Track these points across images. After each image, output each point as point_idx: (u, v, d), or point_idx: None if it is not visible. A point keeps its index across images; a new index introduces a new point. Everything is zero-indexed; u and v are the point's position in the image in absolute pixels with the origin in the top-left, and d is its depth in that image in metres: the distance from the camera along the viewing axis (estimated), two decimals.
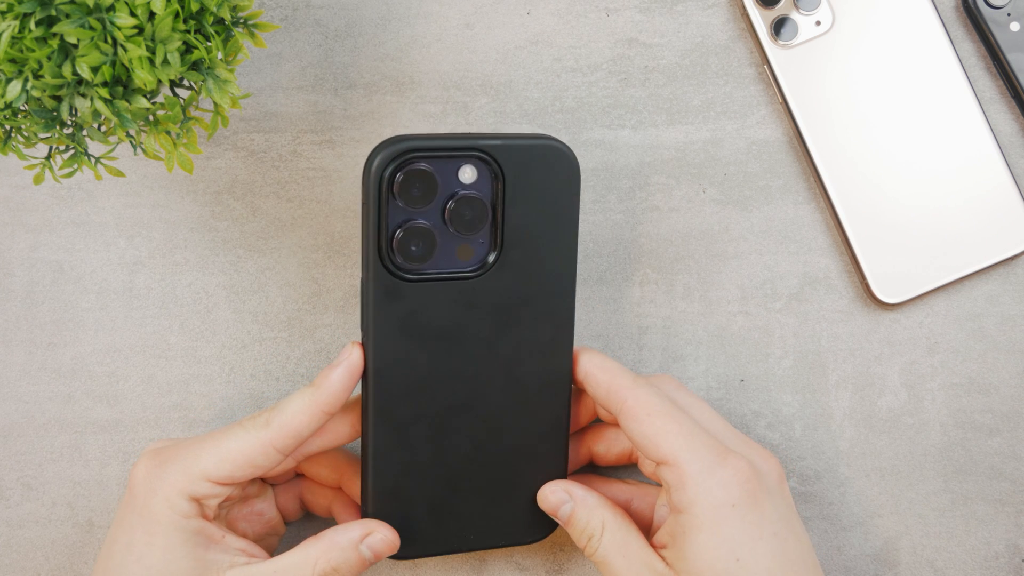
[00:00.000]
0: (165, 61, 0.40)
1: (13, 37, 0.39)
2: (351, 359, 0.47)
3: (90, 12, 0.38)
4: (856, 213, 0.54)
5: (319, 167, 0.55)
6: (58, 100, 0.41)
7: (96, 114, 0.40)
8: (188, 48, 0.42)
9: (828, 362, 0.55)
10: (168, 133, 0.44)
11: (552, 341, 0.49)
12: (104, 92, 0.40)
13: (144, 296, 0.54)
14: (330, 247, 0.55)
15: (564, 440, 0.50)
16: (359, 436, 0.49)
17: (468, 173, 0.47)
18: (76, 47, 0.39)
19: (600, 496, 0.49)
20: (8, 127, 0.43)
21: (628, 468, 0.54)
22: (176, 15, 0.40)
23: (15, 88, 0.39)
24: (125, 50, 0.39)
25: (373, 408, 0.47)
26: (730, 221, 0.55)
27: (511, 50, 0.55)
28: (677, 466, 0.46)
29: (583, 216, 0.55)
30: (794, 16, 0.55)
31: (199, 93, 0.44)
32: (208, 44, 0.42)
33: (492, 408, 0.49)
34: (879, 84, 0.55)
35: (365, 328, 0.47)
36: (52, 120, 0.41)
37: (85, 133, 0.43)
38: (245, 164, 0.55)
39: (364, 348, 0.47)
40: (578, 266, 0.55)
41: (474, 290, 0.48)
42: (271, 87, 0.55)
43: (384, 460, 0.48)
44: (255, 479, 0.50)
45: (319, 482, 0.52)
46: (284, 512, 0.53)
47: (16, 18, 0.38)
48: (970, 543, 0.55)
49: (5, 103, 0.40)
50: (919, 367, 0.55)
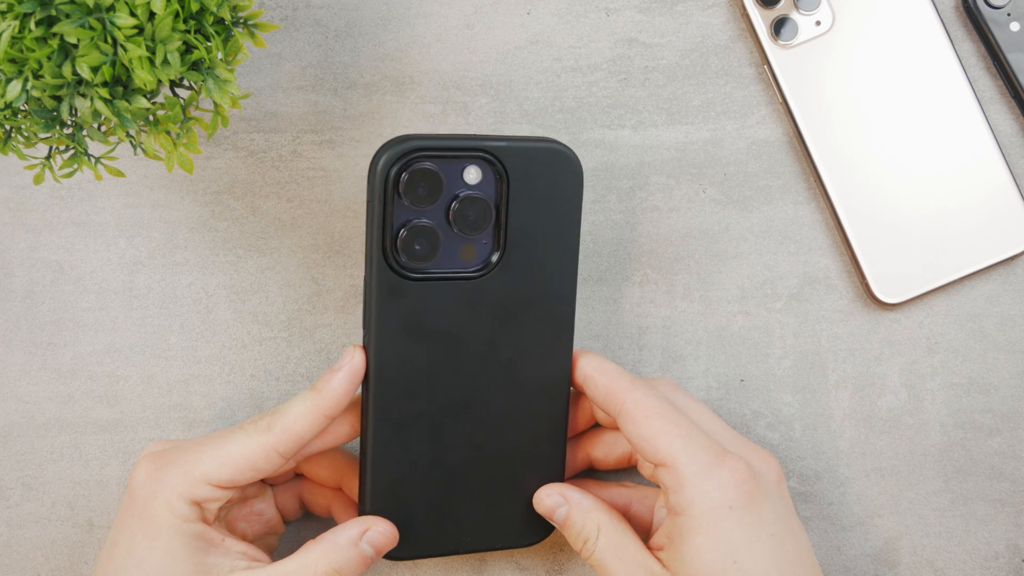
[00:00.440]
0: (165, 61, 0.40)
1: (13, 37, 0.39)
2: (353, 363, 0.47)
3: (90, 12, 0.38)
4: (856, 213, 0.54)
5: (319, 167, 0.55)
6: (58, 100, 0.41)
7: (96, 114, 0.40)
8: (188, 48, 0.42)
9: (828, 362, 0.55)
10: (168, 133, 0.44)
11: (552, 343, 0.49)
12: (104, 92, 0.40)
13: (144, 296, 0.54)
14: (330, 247, 0.55)
15: (562, 442, 0.50)
16: (359, 436, 0.49)
17: (473, 174, 0.47)
18: (76, 47, 0.39)
19: (595, 499, 0.49)
20: (8, 127, 0.43)
21: (627, 471, 0.54)
22: (176, 15, 0.40)
23: (15, 88, 0.39)
24: (125, 50, 0.39)
25: (373, 406, 0.47)
26: (730, 221, 0.55)
27: (511, 50, 0.55)
28: (674, 468, 0.46)
29: (583, 216, 0.55)
30: (794, 16, 0.55)
31: (199, 93, 0.44)
32: (208, 44, 0.42)
33: (491, 409, 0.49)
34: (879, 84, 0.55)
35: (367, 326, 0.47)
36: (52, 120, 0.41)
37: (85, 133, 0.43)
38: (245, 164, 0.55)
39: (365, 346, 0.47)
40: (579, 267, 0.55)
41: (476, 290, 0.48)
42: (271, 87, 0.55)
43: (383, 459, 0.48)
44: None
45: (319, 482, 0.52)
46: (283, 512, 0.52)
47: (16, 18, 0.38)
48: (970, 543, 0.55)
49: (5, 103, 0.40)
50: (919, 367, 0.55)
